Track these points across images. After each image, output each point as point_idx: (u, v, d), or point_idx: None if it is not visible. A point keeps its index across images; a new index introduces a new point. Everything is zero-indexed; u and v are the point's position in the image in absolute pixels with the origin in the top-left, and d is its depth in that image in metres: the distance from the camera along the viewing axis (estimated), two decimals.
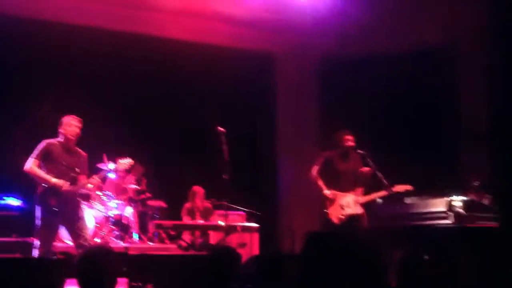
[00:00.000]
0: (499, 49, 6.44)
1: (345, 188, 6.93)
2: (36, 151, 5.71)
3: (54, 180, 5.62)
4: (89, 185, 6.16)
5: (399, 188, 6.78)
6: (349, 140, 6.97)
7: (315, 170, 7.07)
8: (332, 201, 6.91)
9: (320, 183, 6.99)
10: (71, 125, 5.81)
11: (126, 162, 6.34)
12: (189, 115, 9.51)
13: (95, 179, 6.04)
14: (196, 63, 9.23)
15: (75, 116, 5.89)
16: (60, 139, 5.83)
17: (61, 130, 5.83)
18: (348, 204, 6.84)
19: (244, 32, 9.50)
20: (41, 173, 5.65)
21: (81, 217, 5.81)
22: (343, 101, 9.40)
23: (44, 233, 5.64)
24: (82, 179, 5.89)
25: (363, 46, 9.15)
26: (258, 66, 9.95)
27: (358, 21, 8.60)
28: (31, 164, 5.66)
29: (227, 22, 9.18)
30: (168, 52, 9.21)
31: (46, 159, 5.72)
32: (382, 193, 6.76)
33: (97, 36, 8.78)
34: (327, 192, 6.92)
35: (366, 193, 6.94)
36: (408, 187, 6.82)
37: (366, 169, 6.82)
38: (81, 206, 5.95)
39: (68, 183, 5.68)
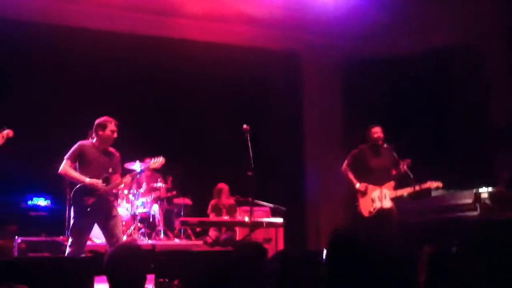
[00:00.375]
0: None
1: (376, 182, 6.90)
2: (69, 153, 5.78)
3: (88, 180, 5.69)
4: (122, 185, 6.20)
5: (430, 184, 6.75)
6: (377, 132, 6.96)
7: (346, 164, 7.09)
8: (363, 194, 6.90)
9: (351, 176, 7.00)
10: (111, 129, 5.84)
11: (158, 161, 6.35)
12: (215, 114, 9.57)
13: (129, 178, 6.09)
14: (222, 64, 9.25)
15: (112, 119, 5.90)
16: (94, 141, 5.89)
17: (97, 133, 5.87)
18: (379, 198, 6.83)
19: (269, 33, 9.49)
20: (75, 174, 5.72)
21: (114, 215, 5.86)
22: (366, 100, 9.33)
23: (78, 232, 5.70)
24: (116, 178, 5.94)
25: (385, 46, 9.06)
26: (284, 66, 9.93)
27: (379, 21, 8.53)
28: (64, 165, 5.73)
29: (252, 23, 9.18)
30: (193, 53, 9.25)
31: (80, 160, 5.79)
32: (411, 189, 6.71)
33: (123, 40, 8.90)
34: (358, 185, 6.91)
35: (397, 187, 6.89)
36: (439, 184, 6.77)
37: (406, 161, 6.73)
38: (115, 205, 6.00)
39: (101, 182, 5.73)
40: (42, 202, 8.28)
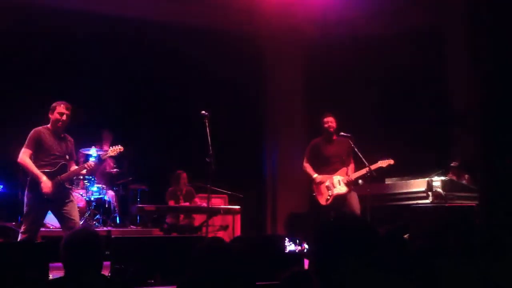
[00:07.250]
0: (485, 31, 6.42)
1: (332, 170, 7.03)
2: (27, 141, 5.65)
3: (44, 179, 5.54)
4: (84, 171, 6.10)
5: (382, 163, 6.87)
6: (329, 122, 7.04)
7: (304, 160, 7.21)
8: (319, 184, 7.01)
9: (309, 170, 7.11)
10: (58, 111, 5.71)
11: (116, 149, 6.29)
12: (174, 98, 9.48)
13: (91, 164, 6.02)
14: (182, 47, 9.13)
15: (64, 102, 5.76)
16: (49, 125, 5.77)
17: (50, 116, 5.75)
18: (334, 185, 6.96)
19: (231, 16, 9.39)
20: (34, 168, 5.57)
21: (71, 200, 5.78)
22: (327, 85, 9.38)
23: (32, 219, 5.58)
24: (72, 165, 5.87)
25: (347, 29, 9.09)
26: (245, 50, 9.88)
27: (340, 4, 8.56)
28: (23, 155, 5.61)
29: (212, 5, 9.07)
30: (153, 36, 9.12)
31: (37, 147, 5.67)
32: (363, 171, 6.83)
33: (91, 21, 8.64)
34: (315, 175, 7.03)
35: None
36: (391, 161, 6.89)
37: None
38: (70, 191, 5.91)
39: (51, 184, 5.59)
40: None
